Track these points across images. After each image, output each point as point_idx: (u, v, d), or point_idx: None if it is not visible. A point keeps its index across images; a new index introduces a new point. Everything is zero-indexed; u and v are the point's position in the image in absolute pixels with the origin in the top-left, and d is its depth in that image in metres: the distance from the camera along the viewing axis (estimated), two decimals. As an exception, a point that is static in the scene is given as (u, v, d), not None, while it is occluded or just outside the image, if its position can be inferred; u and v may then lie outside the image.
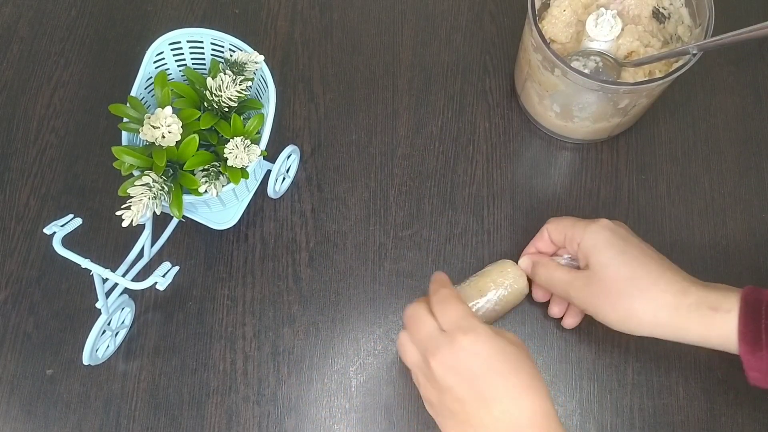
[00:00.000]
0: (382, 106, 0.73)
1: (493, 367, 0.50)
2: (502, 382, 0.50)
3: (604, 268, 0.56)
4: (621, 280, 0.55)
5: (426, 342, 0.52)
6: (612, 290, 0.55)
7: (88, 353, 0.60)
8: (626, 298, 0.54)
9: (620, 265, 0.55)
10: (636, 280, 0.55)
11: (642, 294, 0.54)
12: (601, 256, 0.56)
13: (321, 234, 0.68)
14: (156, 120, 0.56)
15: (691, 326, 0.53)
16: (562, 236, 0.60)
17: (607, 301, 0.55)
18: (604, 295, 0.55)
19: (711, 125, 0.72)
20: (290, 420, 0.63)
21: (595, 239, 0.57)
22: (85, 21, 0.77)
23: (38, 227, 0.69)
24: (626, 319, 0.55)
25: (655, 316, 0.54)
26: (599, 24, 0.65)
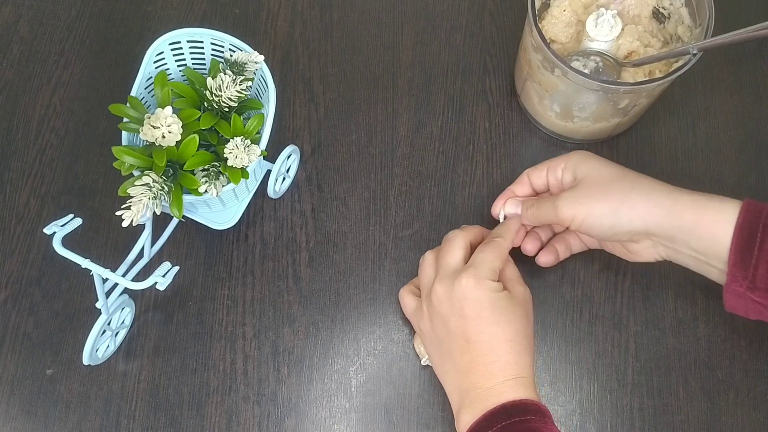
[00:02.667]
0: (382, 106, 0.73)
1: (482, 315, 0.54)
2: (487, 328, 0.54)
3: (592, 172, 0.57)
4: (611, 176, 0.57)
5: (444, 267, 0.58)
6: (603, 185, 0.56)
7: (88, 353, 0.60)
8: (620, 189, 0.55)
9: (610, 170, 0.57)
10: (629, 176, 0.57)
11: (634, 184, 0.56)
12: (589, 164, 0.58)
13: (321, 234, 0.68)
14: (156, 120, 0.56)
15: (686, 209, 0.54)
16: (543, 172, 0.61)
17: (599, 196, 0.56)
18: (596, 192, 0.56)
19: (711, 125, 0.72)
20: (290, 420, 0.63)
21: (579, 157, 0.59)
22: (85, 21, 0.77)
23: (38, 227, 0.69)
24: (619, 209, 0.55)
25: (648, 200, 0.55)
26: (599, 24, 0.65)
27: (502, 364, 0.54)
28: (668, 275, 0.66)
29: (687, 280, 0.66)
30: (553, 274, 0.66)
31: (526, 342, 0.55)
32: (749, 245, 0.51)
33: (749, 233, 0.51)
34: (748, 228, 0.51)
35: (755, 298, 0.52)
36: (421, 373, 0.64)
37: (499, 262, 0.57)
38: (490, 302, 0.55)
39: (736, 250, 0.52)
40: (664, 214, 0.54)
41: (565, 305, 0.66)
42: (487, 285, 0.55)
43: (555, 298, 0.66)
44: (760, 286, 0.51)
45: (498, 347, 0.54)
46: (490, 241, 0.59)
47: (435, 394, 0.63)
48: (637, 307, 0.65)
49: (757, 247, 0.51)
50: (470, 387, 0.54)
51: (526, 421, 0.51)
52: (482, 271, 0.56)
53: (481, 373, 0.54)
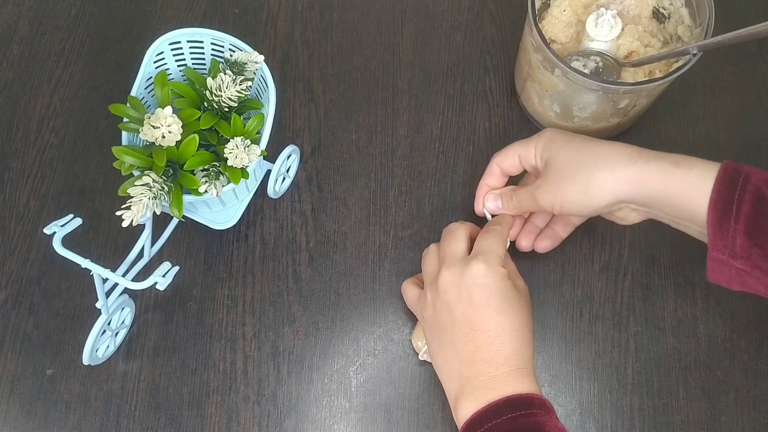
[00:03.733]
0: (382, 106, 0.73)
1: (490, 302, 0.55)
2: (494, 317, 0.54)
3: (557, 155, 0.57)
4: (573, 155, 0.56)
5: (449, 257, 0.58)
6: (570, 167, 0.56)
7: (88, 353, 0.60)
8: (584, 168, 0.55)
9: (572, 147, 0.57)
10: (589, 150, 0.56)
11: (598, 159, 0.55)
12: (552, 148, 0.57)
13: (321, 234, 0.68)
14: (156, 120, 0.56)
15: (652, 179, 0.53)
16: (515, 160, 0.61)
17: (568, 179, 0.56)
18: (564, 176, 0.56)
19: (711, 125, 0.72)
20: (290, 420, 0.63)
21: (547, 139, 0.58)
22: (85, 21, 0.77)
23: (38, 227, 0.69)
24: (588, 188, 0.55)
25: (614, 173, 0.54)
26: (599, 24, 0.65)
27: (507, 354, 0.54)
28: (668, 275, 0.66)
29: (687, 280, 0.66)
30: (553, 274, 0.66)
31: (529, 335, 0.56)
32: (725, 216, 0.51)
33: (724, 205, 0.51)
34: (723, 200, 0.51)
35: (737, 265, 0.51)
36: (421, 374, 0.64)
37: (502, 249, 0.58)
38: (500, 290, 0.55)
39: (713, 221, 0.51)
40: (632, 186, 0.54)
41: (565, 305, 0.66)
42: (498, 271, 0.56)
43: (555, 298, 0.66)
44: (740, 254, 0.51)
45: (504, 336, 0.54)
46: (490, 230, 0.59)
47: (435, 394, 0.63)
48: (637, 307, 0.65)
49: (733, 219, 0.50)
50: (473, 375, 0.54)
51: (532, 415, 0.51)
52: (491, 257, 0.56)
53: (486, 362, 0.54)
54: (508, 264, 0.59)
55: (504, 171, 0.62)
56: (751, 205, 0.50)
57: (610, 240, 0.67)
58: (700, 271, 0.66)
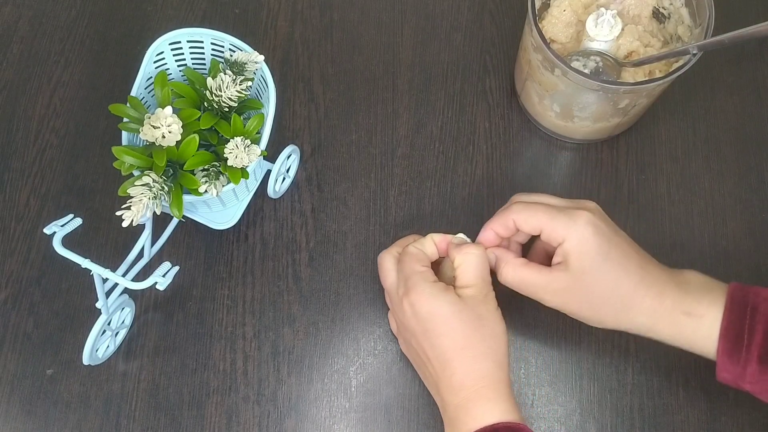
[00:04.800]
0: (382, 106, 0.73)
1: (428, 328, 0.54)
2: (436, 342, 0.54)
3: (587, 276, 0.53)
4: (604, 288, 0.54)
5: (390, 293, 0.59)
6: (594, 297, 0.54)
7: (88, 353, 0.60)
8: (607, 306, 0.54)
9: (604, 273, 0.53)
10: (618, 289, 0.54)
11: (623, 303, 0.54)
12: (585, 262, 0.53)
13: (321, 234, 0.68)
14: (156, 120, 0.56)
15: (666, 329, 0.54)
16: (536, 231, 0.55)
17: (588, 306, 0.55)
18: (584, 302, 0.55)
19: (711, 125, 0.72)
20: (290, 420, 0.63)
21: (579, 241, 0.53)
22: (85, 21, 0.77)
23: (38, 227, 0.69)
24: (603, 322, 0.56)
25: (632, 321, 0.55)
26: (599, 24, 0.65)
27: (460, 377, 0.53)
28: (668, 275, 0.66)
29: (687, 280, 0.66)
30: (553, 274, 0.66)
31: (484, 345, 0.53)
32: (736, 348, 0.52)
33: (735, 335, 0.52)
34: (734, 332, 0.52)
35: (746, 387, 0.53)
36: (421, 373, 0.64)
37: (418, 265, 0.56)
38: (430, 314, 0.54)
39: (723, 352, 0.52)
40: (644, 331, 0.55)
41: (565, 305, 0.66)
42: (420, 296, 0.54)
43: (555, 298, 0.66)
44: (750, 380, 0.52)
45: (452, 359, 0.53)
46: (401, 255, 0.58)
47: (435, 394, 0.63)
48: (637, 307, 0.65)
49: (744, 348, 0.51)
50: (444, 404, 0.55)
51: None
52: (410, 283, 0.55)
53: (446, 390, 0.54)
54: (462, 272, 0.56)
55: (519, 228, 0.57)
56: (762, 335, 0.51)
57: (610, 240, 0.67)
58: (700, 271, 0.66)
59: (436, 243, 0.59)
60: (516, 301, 0.65)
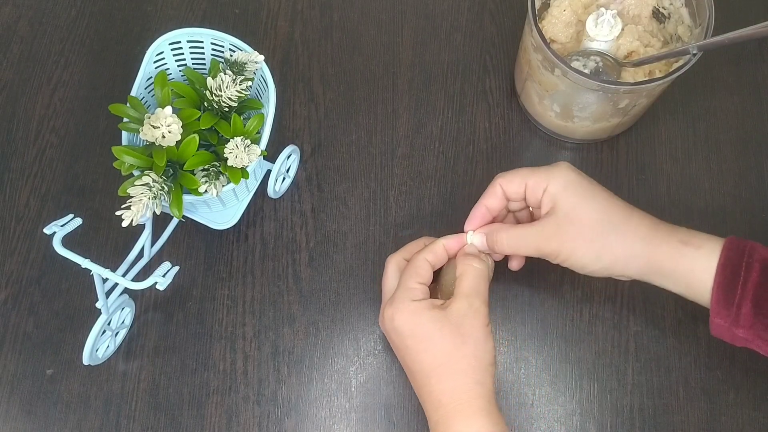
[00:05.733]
0: (382, 106, 0.73)
1: (408, 344, 0.54)
2: (417, 358, 0.54)
3: (576, 209, 0.54)
4: (595, 219, 0.54)
5: (383, 297, 0.59)
6: (586, 229, 0.54)
7: (88, 353, 0.60)
8: (600, 235, 0.54)
9: (592, 206, 0.55)
10: (610, 217, 0.54)
11: (616, 229, 0.54)
12: (572, 198, 0.55)
13: (321, 234, 0.68)
14: (156, 120, 0.56)
15: (663, 258, 0.53)
16: (521, 187, 0.57)
17: (582, 240, 0.54)
18: (579, 236, 0.54)
19: (711, 125, 0.72)
20: (290, 420, 0.63)
21: (563, 182, 0.55)
22: (85, 21, 0.77)
23: (38, 227, 0.69)
24: (601, 256, 0.54)
25: (629, 248, 0.54)
26: (599, 24, 0.65)
27: (438, 394, 0.53)
28: (668, 275, 0.66)
29: (687, 280, 0.66)
30: (553, 274, 0.66)
31: (463, 363, 0.53)
32: (731, 285, 0.51)
33: (732, 272, 0.51)
34: (731, 265, 0.51)
35: (740, 333, 0.52)
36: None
37: (411, 280, 0.56)
38: (410, 330, 0.54)
39: (719, 289, 0.52)
40: (643, 262, 0.54)
41: (565, 305, 0.66)
42: (402, 313, 0.54)
43: (555, 298, 0.66)
44: (744, 324, 0.51)
45: (430, 375, 0.53)
46: (410, 263, 0.58)
47: (435, 394, 0.63)
48: (637, 307, 0.65)
49: (740, 285, 0.51)
50: (428, 418, 0.55)
51: None
52: (395, 298, 0.55)
53: (427, 405, 0.54)
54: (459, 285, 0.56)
55: (507, 194, 0.58)
56: (759, 273, 0.51)
57: (610, 240, 0.67)
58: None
59: (447, 246, 0.58)
60: (516, 302, 0.66)
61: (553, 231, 0.55)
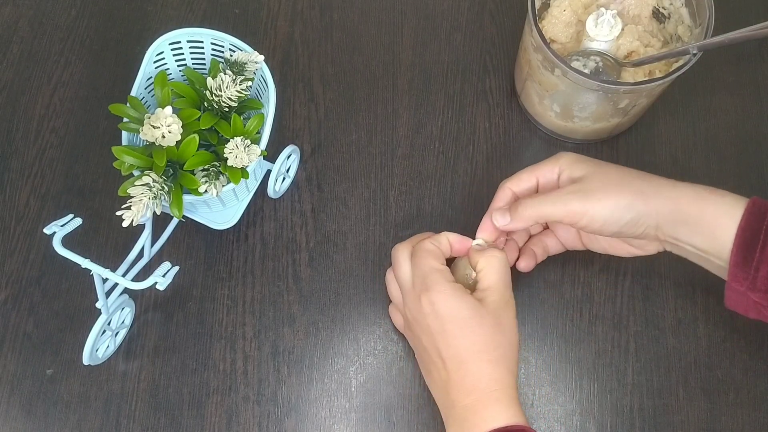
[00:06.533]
0: (382, 106, 0.73)
1: (446, 329, 0.54)
2: (453, 342, 0.53)
3: (598, 171, 0.56)
4: (618, 172, 0.56)
5: (403, 286, 0.58)
6: (613, 178, 0.55)
7: (88, 353, 0.60)
8: (630, 183, 0.54)
9: (611, 167, 0.56)
10: (631, 171, 0.56)
11: (641, 177, 0.56)
12: (585, 166, 0.56)
13: (321, 234, 0.68)
14: (156, 120, 0.56)
15: (690, 202, 0.53)
16: (531, 182, 0.58)
17: (614, 189, 0.54)
18: (609, 187, 0.54)
19: (711, 125, 0.72)
20: (290, 420, 0.63)
21: (574, 159, 0.57)
22: (85, 21, 0.77)
23: (38, 227, 0.69)
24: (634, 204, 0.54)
25: (658, 193, 0.54)
26: (599, 24, 0.65)
27: (473, 379, 0.53)
28: (668, 275, 0.66)
29: (687, 280, 0.66)
30: (553, 273, 0.66)
31: (499, 351, 0.53)
32: (751, 246, 0.51)
33: (752, 234, 0.51)
34: (751, 229, 0.51)
35: (755, 298, 0.52)
36: (422, 373, 0.64)
37: (436, 262, 0.56)
38: (450, 315, 0.53)
39: (738, 250, 0.52)
40: (672, 208, 0.54)
41: (565, 305, 0.66)
42: (443, 293, 0.54)
43: (555, 298, 0.66)
44: (761, 288, 0.51)
45: (467, 361, 0.53)
46: (418, 250, 0.57)
47: (435, 394, 0.63)
48: (637, 307, 0.65)
49: (759, 248, 0.51)
50: (450, 404, 0.54)
51: None
52: (430, 281, 0.54)
53: (457, 390, 0.54)
54: (486, 277, 0.56)
55: (518, 195, 0.59)
56: None
57: (610, 240, 0.67)
58: (701, 271, 0.66)
59: (451, 242, 0.59)
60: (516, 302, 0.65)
61: (582, 190, 0.55)
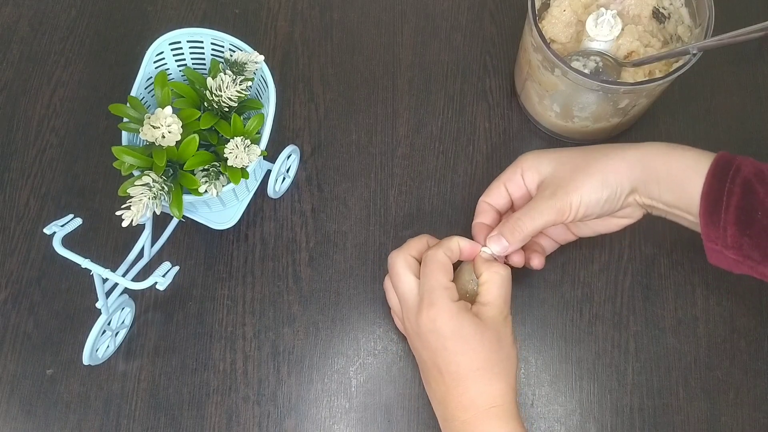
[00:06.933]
0: (382, 106, 0.73)
1: (446, 345, 0.53)
2: (454, 359, 0.53)
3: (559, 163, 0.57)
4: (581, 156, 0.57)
5: (402, 299, 0.57)
6: (581, 165, 0.56)
7: (88, 353, 0.60)
8: (595, 161, 0.56)
9: (570, 153, 0.58)
10: (593, 149, 0.57)
11: (605, 152, 0.56)
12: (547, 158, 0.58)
13: (321, 234, 0.68)
14: (156, 120, 0.56)
15: (655, 159, 0.54)
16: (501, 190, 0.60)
17: (582, 173, 0.55)
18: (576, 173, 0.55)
19: (711, 125, 0.72)
20: (290, 420, 0.63)
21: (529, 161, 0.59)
22: (85, 21, 0.77)
23: (38, 227, 0.69)
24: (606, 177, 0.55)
25: (623, 159, 0.55)
26: (599, 24, 0.65)
27: (472, 396, 0.53)
28: (668, 275, 0.66)
29: (687, 280, 0.66)
30: (553, 273, 0.66)
31: (499, 367, 0.53)
32: (716, 208, 0.52)
33: (714, 196, 0.52)
34: (714, 191, 0.52)
35: (730, 255, 0.52)
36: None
37: (445, 278, 0.55)
38: (451, 332, 0.53)
39: (705, 212, 0.52)
40: (640, 167, 0.55)
41: (565, 305, 0.66)
42: (446, 311, 0.53)
43: (555, 298, 0.66)
44: (732, 245, 0.52)
45: (466, 377, 0.53)
46: (428, 259, 0.56)
47: (435, 394, 0.63)
48: (637, 307, 0.65)
49: (723, 210, 0.52)
50: (449, 418, 0.54)
51: None
52: (435, 297, 0.54)
53: (455, 405, 0.54)
54: (486, 293, 0.56)
55: (494, 206, 0.61)
56: (740, 197, 0.51)
57: (610, 240, 0.67)
58: (700, 271, 0.66)
59: (462, 248, 0.58)
60: (516, 302, 0.66)
61: (555, 186, 0.56)
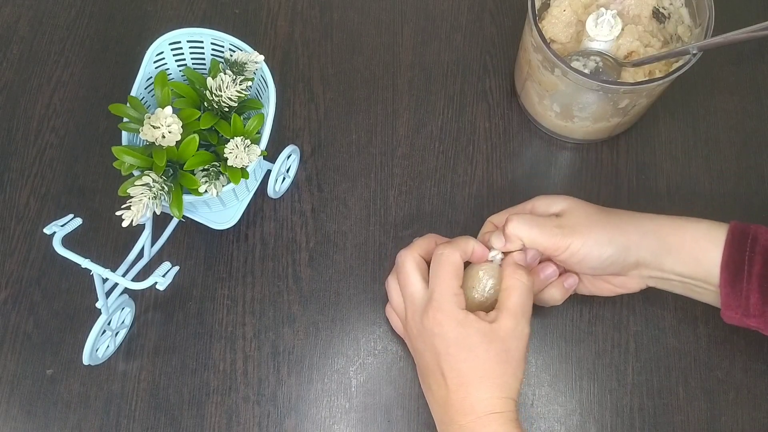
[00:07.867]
0: (382, 106, 0.73)
1: (451, 352, 0.54)
2: (456, 366, 0.53)
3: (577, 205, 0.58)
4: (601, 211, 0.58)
5: (409, 299, 0.57)
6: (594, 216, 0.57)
7: (88, 353, 0.60)
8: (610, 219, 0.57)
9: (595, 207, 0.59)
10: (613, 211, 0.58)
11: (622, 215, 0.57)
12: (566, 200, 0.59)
13: (321, 234, 0.68)
14: (156, 120, 0.56)
15: (669, 232, 0.55)
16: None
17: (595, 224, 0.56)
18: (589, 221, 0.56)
19: (711, 125, 0.72)
20: (290, 420, 0.63)
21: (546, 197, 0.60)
22: (85, 21, 0.77)
23: (38, 227, 0.69)
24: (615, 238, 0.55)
25: (638, 227, 0.56)
26: (599, 24, 0.65)
27: (472, 401, 0.53)
28: (668, 275, 0.66)
29: (687, 280, 0.66)
30: (553, 274, 0.66)
31: (502, 379, 0.53)
32: (737, 278, 0.52)
33: (735, 266, 0.52)
34: (734, 261, 0.53)
35: (751, 323, 0.54)
36: (421, 373, 0.64)
37: (456, 284, 0.55)
38: (456, 339, 0.53)
39: (726, 283, 0.53)
40: (653, 239, 0.55)
41: (565, 305, 0.65)
42: (452, 317, 0.53)
43: (555, 298, 0.66)
44: (754, 314, 0.53)
45: (469, 383, 0.53)
46: (439, 261, 0.55)
47: (435, 394, 0.63)
48: (637, 307, 0.65)
49: (746, 279, 0.52)
50: (448, 421, 0.54)
51: None
52: (443, 302, 0.54)
53: (456, 409, 0.54)
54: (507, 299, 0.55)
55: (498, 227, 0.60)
56: (761, 265, 0.52)
57: (610, 240, 0.67)
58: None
59: (474, 250, 0.57)
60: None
61: (560, 222, 0.57)
